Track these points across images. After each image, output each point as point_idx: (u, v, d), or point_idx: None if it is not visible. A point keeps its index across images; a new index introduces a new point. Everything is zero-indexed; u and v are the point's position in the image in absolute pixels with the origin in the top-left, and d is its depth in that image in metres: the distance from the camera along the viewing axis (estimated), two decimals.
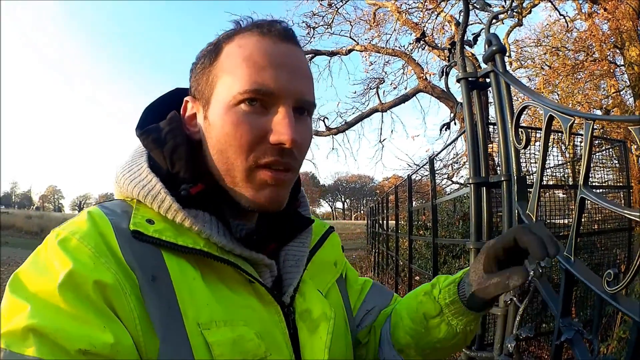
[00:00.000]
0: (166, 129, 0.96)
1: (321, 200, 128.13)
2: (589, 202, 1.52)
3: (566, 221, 3.79)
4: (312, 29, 16.38)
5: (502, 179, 2.31)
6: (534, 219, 1.94)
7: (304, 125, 0.95)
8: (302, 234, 1.10)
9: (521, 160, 2.31)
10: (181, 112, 1.00)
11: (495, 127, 2.40)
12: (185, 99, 1.00)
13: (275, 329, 0.92)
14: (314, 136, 18.90)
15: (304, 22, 16.34)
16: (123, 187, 0.94)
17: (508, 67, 2.58)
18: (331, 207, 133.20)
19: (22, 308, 0.69)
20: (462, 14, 2.86)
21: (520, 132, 2.05)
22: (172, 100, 1.06)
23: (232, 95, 0.88)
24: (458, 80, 2.70)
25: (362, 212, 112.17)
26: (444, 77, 3.01)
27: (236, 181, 0.92)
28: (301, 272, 1.04)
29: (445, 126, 3.41)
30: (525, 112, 2.07)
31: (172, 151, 0.93)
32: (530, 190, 2.05)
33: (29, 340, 0.66)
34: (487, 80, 2.51)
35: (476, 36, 2.95)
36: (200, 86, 0.96)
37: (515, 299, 2.08)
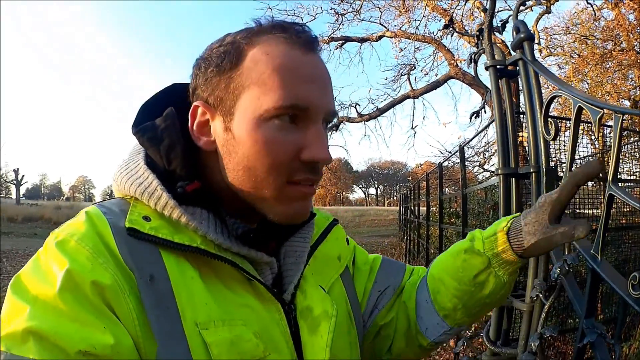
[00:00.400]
0: (162, 126, 0.93)
1: (354, 186, 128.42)
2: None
3: (596, 212, 3.70)
4: (340, 16, 16.34)
5: (531, 170, 2.26)
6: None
7: (327, 141, 0.95)
8: (304, 229, 1.07)
9: (552, 150, 2.26)
10: (190, 117, 0.95)
11: (525, 116, 2.35)
12: (195, 104, 0.94)
13: (275, 328, 0.91)
14: (346, 122, 19.06)
15: (332, 8, 16.31)
16: (121, 185, 0.93)
17: (538, 55, 2.52)
18: (364, 193, 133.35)
19: (22, 310, 0.69)
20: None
21: (549, 123, 2.00)
22: (170, 96, 1.03)
23: (265, 109, 0.85)
24: (486, 68, 2.64)
25: (395, 198, 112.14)
26: (472, 64, 2.95)
27: (265, 197, 0.89)
28: (301, 268, 1.02)
29: (475, 114, 3.36)
30: (555, 101, 2.01)
31: (168, 149, 0.91)
32: (560, 182, 2.00)
33: (29, 343, 0.66)
34: (516, 68, 2.45)
35: (504, 23, 2.88)
36: (218, 93, 0.90)
37: (541, 295, 2.03)
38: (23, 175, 46.97)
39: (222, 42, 0.93)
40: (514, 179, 2.48)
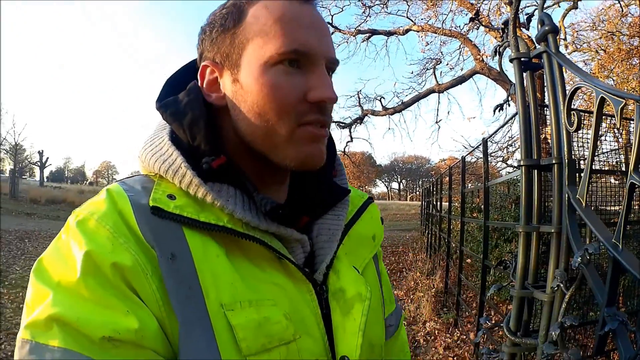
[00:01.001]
0: (185, 101, 0.93)
1: (377, 180, 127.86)
2: None
3: (618, 208, 3.68)
4: (367, 8, 16.28)
5: (554, 162, 2.27)
6: (584, 204, 1.89)
7: (332, 82, 0.94)
8: (338, 206, 1.04)
9: (576, 144, 2.26)
10: (199, 77, 0.96)
11: (548, 108, 2.36)
12: (203, 64, 0.94)
13: (306, 309, 0.89)
14: (370, 115, 18.97)
15: (360, 0, 16.24)
16: (145, 161, 0.92)
17: (564, 50, 2.53)
18: (387, 188, 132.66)
19: (45, 296, 0.69)
20: None
21: (572, 115, 2.00)
22: (193, 71, 1.02)
23: (269, 56, 0.85)
24: (511, 60, 2.65)
25: (417, 193, 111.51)
26: (497, 57, 2.95)
27: (277, 142, 0.88)
28: (335, 247, 0.98)
29: (499, 107, 3.34)
30: (579, 96, 2.02)
31: (191, 123, 0.90)
32: (581, 175, 2.01)
33: (53, 330, 0.66)
34: (540, 60, 2.46)
35: (530, 16, 2.87)
36: (224, 49, 0.91)
37: (562, 285, 2.04)
38: (47, 158, 47.24)
39: (224, 6, 0.95)
40: (536, 171, 2.49)
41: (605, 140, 3.63)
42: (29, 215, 23.42)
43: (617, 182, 3.79)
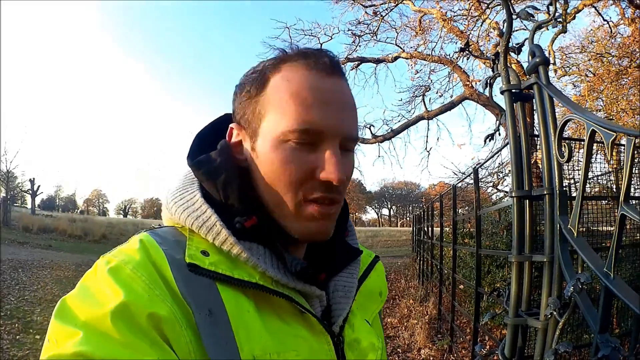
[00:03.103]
0: (218, 161, 0.96)
1: (367, 207, 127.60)
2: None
3: (610, 228, 3.72)
4: (357, 37, 16.43)
5: (545, 192, 2.31)
6: (575, 234, 1.93)
7: (349, 160, 0.96)
8: (352, 265, 1.10)
9: (565, 168, 2.30)
10: (227, 137, 1.00)
11: (539, 139, 2.40)
12: (231, 126, 1.00)
13: (325, 358, 0.93)
14: (360, 144, 18.98)
15: (349, 30, 16.41)
16: (175, 214, 0.94)
17: (553, 75, 2.58)
18: (377, 214, 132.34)
19: (72, 335, 0.68)
20: (505, 24, 2.85)
21: (563, 146, 2.04)
22: (223, 126, 1.06)
23: (281, 132, 0.88)
24: (502, 92, 2.70)
25: (408, 219, 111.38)
26: (488, 88, 3.00)
27: (285, 214, 0.93)
28: (351, 303, 1.04)
29: (490, 137, 3.39)
30: (568, 126, 2.06)
31: (225, 183, 0.94)
32: (573, 203, 2.04)
33: None
34: (531, 91, 2.51)
35: (520, 46, 2.93)
36: (247, 116, 0.95)
37: (555, 312, 2.07)
38: (39, 186, 46.98)
39: (254, 69, 0.98)
40: (527, 200, 2.53)
41: (596, 161, 3.68)
42: (21, 244, 23.21)
43: (607, 204, 3.84)
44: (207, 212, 0.90)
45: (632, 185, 1.45)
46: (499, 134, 3.37)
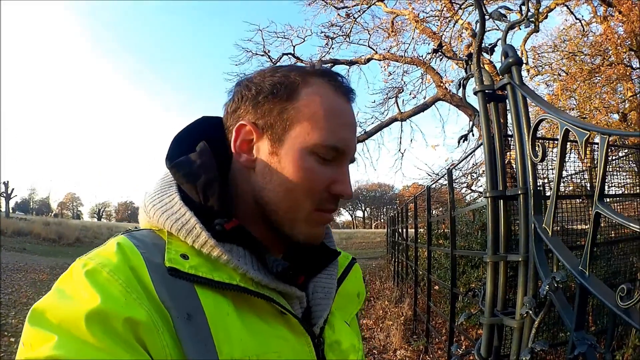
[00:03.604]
0: (198, 162, 0.97)
1: (341, 208, 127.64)
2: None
3: (585, 226, 3.76)
4: (330, 39, 16.44)
5: (519, 192, 2.32)
6: (550, 233, 1.94)
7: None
8: (330, 266, 1.11)
9: (539, 168, 2.31)
10: (234, 133, 0.99)
11: (513, 139, 2.41)
12: (242, 122, 0.98)
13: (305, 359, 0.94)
14: None
15: (322, 32, 16.42)
16: (153, 218, 0.93)
17: (526, 75, 2.60)
18: (351, 216, 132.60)
19: (47, 339, 0.67)
20: (478, 24, 2.86)
21: (537, 146, 2.05)
22: (201, 129, 1.07)
23: (313, 144, 0.93)
24: (475, 93, 2.71)
25: (382, 220, 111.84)
26: (461, 89, 3.01)
27: (296, 218, 0.96)
28: (331, 304, 1.05)
29: (464, 138, 3.40)
30: (541, 125, 2.07)
31: (205, 186, 0.94)
32: (547, 202, 2.05)
33: None
34: (504, 92, 2.52)
35: (493, 46, 2.94)
36: (270, 119, 0.96)
37: (531, 311, 2.08)
38: (13, 189, 46.58)
39: (273, 73, 1.00)
40: (502, 200, 2.54)
41: (570, 159, 3.73)
42: None
43: (582, 202, 3.88)
44: (186, 214, 0.89)
45: (605, 184, 1.46)
46: (473, 135, 3.38)
